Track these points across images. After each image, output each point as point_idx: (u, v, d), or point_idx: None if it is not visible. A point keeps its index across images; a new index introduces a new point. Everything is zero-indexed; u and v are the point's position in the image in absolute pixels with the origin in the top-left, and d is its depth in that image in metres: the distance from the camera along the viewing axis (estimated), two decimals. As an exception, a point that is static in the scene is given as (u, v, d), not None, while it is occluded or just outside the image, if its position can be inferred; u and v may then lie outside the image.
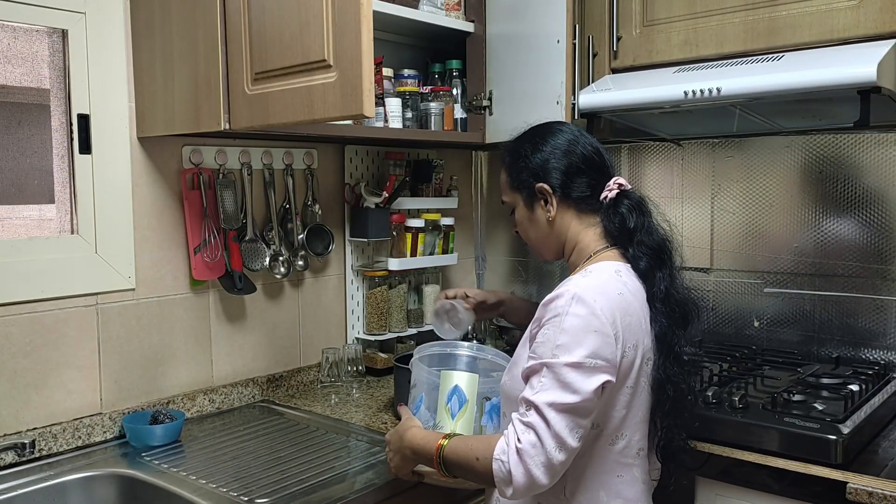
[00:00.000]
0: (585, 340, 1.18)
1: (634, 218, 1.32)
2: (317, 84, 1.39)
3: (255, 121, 1.50)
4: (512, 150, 1.43)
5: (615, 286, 1.25)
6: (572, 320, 1.19)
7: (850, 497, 1.36)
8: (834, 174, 1.99)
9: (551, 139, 1.38)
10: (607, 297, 1.22)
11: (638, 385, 1.27)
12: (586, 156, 1.37)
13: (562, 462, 1.15)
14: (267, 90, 1.47)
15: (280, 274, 2.03)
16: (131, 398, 1.78)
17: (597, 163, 1.37)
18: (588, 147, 1.38)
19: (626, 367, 1.24)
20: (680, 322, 1.30)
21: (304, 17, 1.39)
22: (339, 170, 2.21)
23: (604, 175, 1.37)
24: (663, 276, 1.30)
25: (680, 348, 1.28)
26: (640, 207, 1.35)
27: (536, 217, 1.40)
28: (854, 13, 1.61)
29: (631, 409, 1.27)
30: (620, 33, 1.95)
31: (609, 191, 1.35)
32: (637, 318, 1.26)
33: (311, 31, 1.39)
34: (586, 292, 1.21)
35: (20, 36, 1.71)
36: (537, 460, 1.14)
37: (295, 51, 1.42)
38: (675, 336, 1.28)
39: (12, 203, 1.82)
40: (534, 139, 1.40)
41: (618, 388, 1.24)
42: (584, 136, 1.40)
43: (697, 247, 2.22)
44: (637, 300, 1.27)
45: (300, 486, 1.45)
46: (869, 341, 1.95)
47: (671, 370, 1.26)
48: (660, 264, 1.31)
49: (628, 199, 1.35)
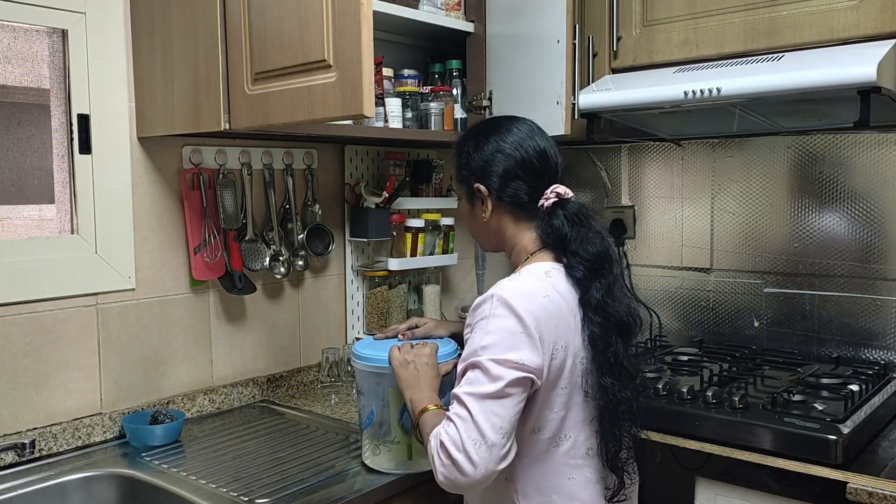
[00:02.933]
0: (510, 343, 1.19)
1: (568, 228, 1.30)
2: (317, 84, 1.39)
3: (255, 121, 1.50)
4: (458, 144, 1.43)
5: (542, 288, 1.25)
6: (497, 322, 1.21)
7: (850, 497, 1.36)
8: (834, 174, 1.99)
9: (495, 139, 1.37)
10: (532, 300, 1.23)
11: (573, 384, 1.27)
12: (527, 160, 1.35)
13: (484, 458, 1.14)
14: (267, 90, 1.47)
15: (280, 274, 2.03)
16: (131, 398, 1.78)
17: (538, 168, 1.35)
18: (532, 150, 1.35)
19: (557, 367, 1.24)
20: (615, 331, 1.27)
21: (305, 18, 1.39)
22: (339, 170, 2.21)
23: (545, 181, 1.35)
24: (599, 286, 1.27)
25: (615, 357, 1.26)
26: (577, 217, 1.32)
27: (475, 213, 1.41)
28: (854, 13, 1.61)
29: (570, 409, 1.27)
30: (620, 33, 1.95)
31: (546, 199, 1.34)
32: (565, 319, 1.26)
33: (311, 32, 1.39)
34: (510, 295, 1.22)
35: (20, 36, 1.71)
36: (456, 454, 1.15)
37: (295, 51, 1.42)
38: (608, 343, 1.26)
39: (12, 203, 1.82)
40: (478, 137, 1.39)
41: (550, 388, 1.25)
42: (534, 137, 1.37)
43: (697, 247, 2.22)
44: (567, 302, 1.27)
45: (300, 486, 1.44)
46: (869, 341, 1.95)
47: (604, 379, 1.25)
48: (596, 275, 1.28)
49: (564, 210, 1.33)
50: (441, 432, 1.19)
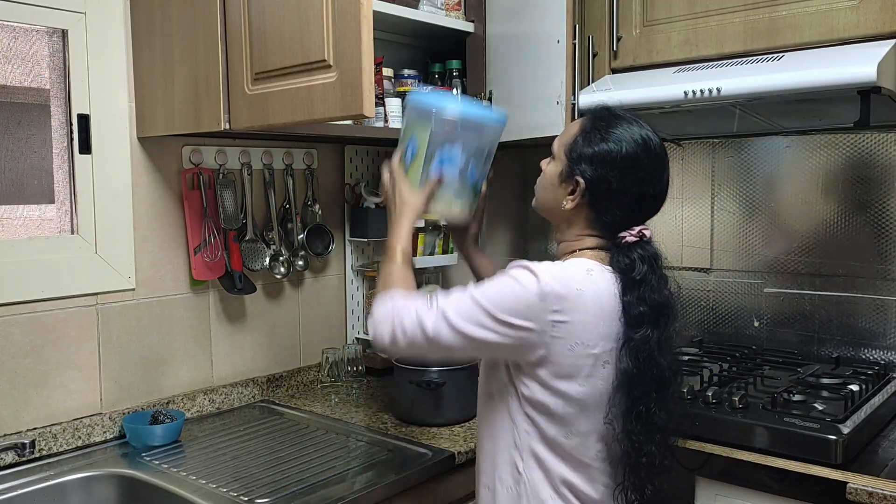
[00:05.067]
0: (513, 306, 1.17)
1: (643, 268, 1.24)
2: (317, 84, 1.39)
3: (255, 121, 1.50)
4: (591, 121, 1.31)
5: (578, 282, 1.20)
6: (517, 287, 1.18)
7: (850, 497, 1.36)
8: (834, 174, 1.99)
9: (632, 149, 1.26)
10: (564, 284, 1.18)
11: (592, 385, 1.22)
12: (643, 196, 1.27)
13: (414, 338, 1.19)
14: (267, 90, 1.47)
15: (280, 274, 2.03)
16: (131, 398, 1.78)
17: (646, 208, 1.29)
18: (654, 188, 1.28)
19: (570, 362, 1.20)
20: (653, 385, 1.22)
21: (304, 18, 1.39)
22: (339, 170, 2.21)
23: (645, 218, 1.29)
24: (652, 335, 1.22)
25: (646, 408, 1.21)
26: (653, 260, 1.26)
27: (558, 189, 1.30)
28: (854, 13, 1.61)
29: (584, 412, 1.23)
30: (620, 33, 1.95)
31: (630, 234, 1.26)
32: (594, 317, 1.20)
33: (311, 32, 1.39)
34: (545, 274, 1.18)
35: (20, 36, 1.71)
36: (419, 337, 1.19)
37: (295, 51, 1.42)
38: (644, 393, 1.21)
39: (12, 203, 1.82)
40: (616, 134, 1.27)
41: (555, 376, 1.20)
42: (665, 169, 1.30)
43: (697, 247, 2.22)
44: (600, 302, 1.21)
45: (300, 486, 1.45)
46: (869, 341, 1.95)
47: (629, 425, 1.21)
48: (654, 324, 1.22)
49: (643, 250, 1.26)
50: (418, 313, 1.20)
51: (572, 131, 1.31)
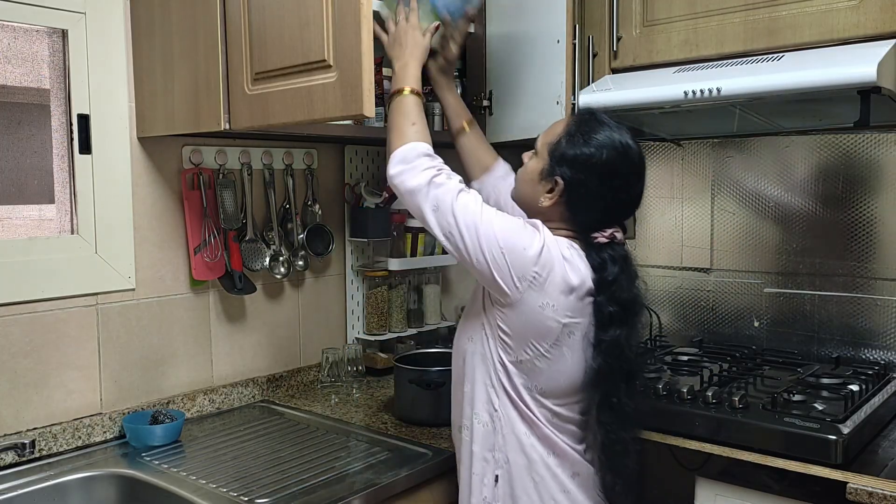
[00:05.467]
0: (512, 245, 1.27)
1: (615, 270, 1.33)
2: (317, 84, 1.39)
3: (255, 121, 1.50)
4: (576, 123, 1.39)
5: (567, 253, 1.31)
6: (523, 231, 1.29)
7: (850, 497, 1.36)
8: (834, 174, 1.99)
9: (609, 157, 1.33)
10: (557, 248, 1.30)
11: (559, 351, 1.31)
12: (617, 202, 1.36)
13: (417, 185, 1.32)
14: (267, 90, 1.47)
15: (280, 274, 2.03)
16: (131, 398, 1.78)
17: (619, 212, 1.38)
18: (628, 195, 1.36)
19: (538, 320, 1.29)
20: (622, 377, 1.34)
21: (304, 17, 1.39)
22: (339, 170, 2.21)
23: (619, 222, 1.38)
24: (622, 331, 1.33)
25: (617, 399, 1.33)
26: (623, 262, 1.35)
27: (537, 185, 1.39)
28: (854, 13, 1.61)
29: (552, 370, 1.33)
30: (620, 33, 1.95)
31: (602, 235, 1.35)
32: (566, 284, 1.30)
33: (311, 31, 1.39)
34: (546, 231, 1.31)
35: (20, 36, 1.71)
36: (427, 176, 1.32)
37: (295, 51, 1.42)
38: (614, 385, 1.33)
39: (12, 203, 1.82)
40: (598, 139, 1.34)
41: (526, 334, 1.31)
42: (641, 177, 1.38)
43: (697, 247, 2.22)
44: (575, 273, 1.31)
45: (300, 486, 1.44)
46: (869, 341, 1.95)
47: (603, 415, 1.34)
48: (623, 321, 1.33)
49: (613, 250, 1.35)
50: (433, 172, 1.34)
51: (556, 131, 1.38)
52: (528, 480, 1.36)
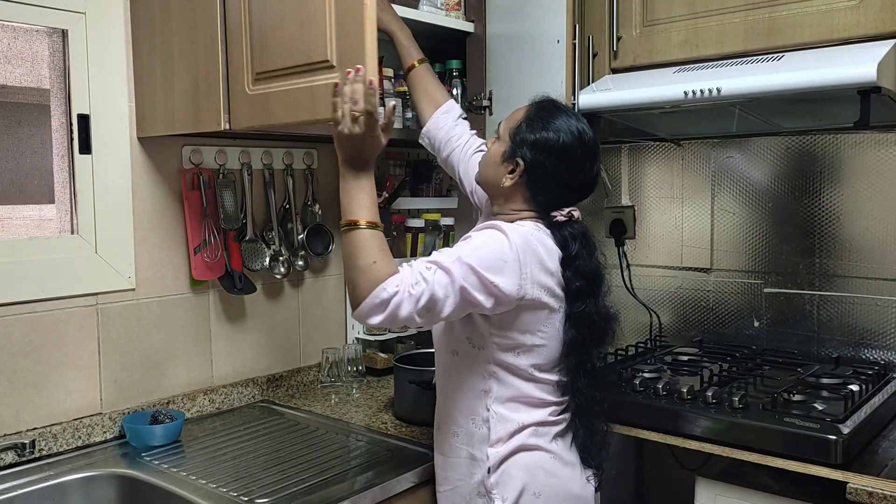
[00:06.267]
0: (496, 266, 1.29)
1: (575, 246, 1.40)
2: (319, 84, 1.38)
3: (257, 121, 1.49)
4: (540, 108, 1.45)
5: (535, 236, 1.36)
6: (492, 245, 1.31)
7: (850, 497, 1.36)
8: (834, 174, 1.99)
9: (567, 138, 1.40)
10: (525, 239, 1.34)
11: (553, 327, 1.40)
12: (573, 180, 1.42)
13: (406, 315, 1.25)
14: (269, 90, 1.47)
15: (280, 274, 2.03)
16: (131, 398, 1.78)
17: (576, 191, 1.44)
18: (584, 175, 1.43)
19: (533, 298, 1.35)
20: (595, 341, 1.44)
21: (306, 18, 1.39)
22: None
23: (576, 201, 1.45)
24: (590, 302, 1.41)
25: (591, 364, 1.43)
26: (584, 238, 1.42)
27: (500, 167, 1.44)
28: (854, 13, 1.61)
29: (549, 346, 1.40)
30: (620, 33, 1.95)
31: (560, 214, 1.41)
32: (545, 266, 1.36)
33: (313, 32, 1.38)
34: (509, 229, 1.34)
35: (20, 36, 1.71)
36: (408, 306, 1.25)
37: (297, 51, 1.41)
38: (587, 351, 1.42)
39: (12, 203, 1.82)
40: (556, 124, 1.41)
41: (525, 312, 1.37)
42: (595, 159, 1.44)
43: (697, 247, 2.22)
44: (549, 253, 1.37)
45: (300, 486, 1.45)
46: (869, 341, 1.95)
47: (578, 381, 1.42)
48: (590, 292, 1.41)
49: (571, 228, 1.42)
50: (408, 284, 1.25)
51: (518, 117, 1.46)
52: (520, 460, 1.41)
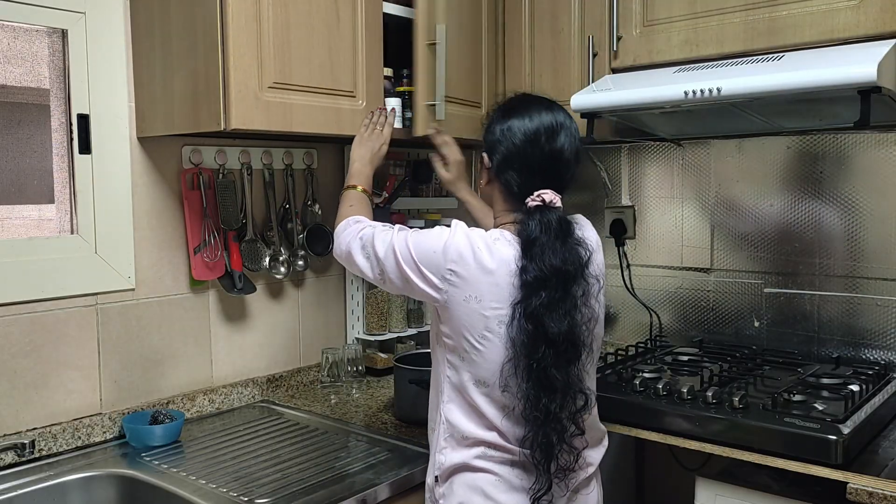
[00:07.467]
0: (426, 250, 1.33)
1: (538, 234, 1.29)
2: (345, 108, 1.70)
3: (274, 125, 1.60)
4: (494, 107, 1.47)
5: (481, 244, 1.32)
6: (434, 233, 1.36)
7: (850, 497, 1.36)
8: (834, 174, 1.99)
9: (516, 120, 1.37)
10: (468, 243, 1.32)
11: (490, 343, 1.31)
12: (531, 156, 1.35)
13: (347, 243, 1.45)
14: (290, 100, 1.62)
15: (280, 274, 2.03)
16: (131, 398, 1.78)
17: (539, 167, 1.35)
18: (541, 150, 1.35)
19: (464, 313, 1.31)
20: (545, 342, 1.26)
21: (336, 52, 1.65)
22: (339, 170, 2.21)
23: (542, 181, 1.35)
24: (541, 297, 1.27)
25: (538, 364, 1.26)
26: (555, 227, 1.31)
27: (481, 175, 1.47)
28: (854, 13, 1.62)
29: (484, 359, 1.32)
30: (620, 33, 1.95)
31: (532, 200, 1.33)
32: (489, 276, 1.30)
33: (341, 65, 1.70)
34: (457, 233, 1.34)
35: (20, 36, 1.72)
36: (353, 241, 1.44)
37: (325, 77, 1.68)
38: (534, 350, 1.27)
39: (12, 203, 1.82)
40: (505, 110, 1.41)
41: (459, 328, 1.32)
42: (554, 136, 1.35)
43: (697, 247, 2.22)
44: (499, 265, 1.30)
45: (300, 486, 1.44)
46: (869, 341, 1.95)
47: (523, 384, 1.27)
48: (543, 286, 1.27)
49: (542, 216, 1.31)
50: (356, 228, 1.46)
51: None
52: (464, 478, 1.36)
